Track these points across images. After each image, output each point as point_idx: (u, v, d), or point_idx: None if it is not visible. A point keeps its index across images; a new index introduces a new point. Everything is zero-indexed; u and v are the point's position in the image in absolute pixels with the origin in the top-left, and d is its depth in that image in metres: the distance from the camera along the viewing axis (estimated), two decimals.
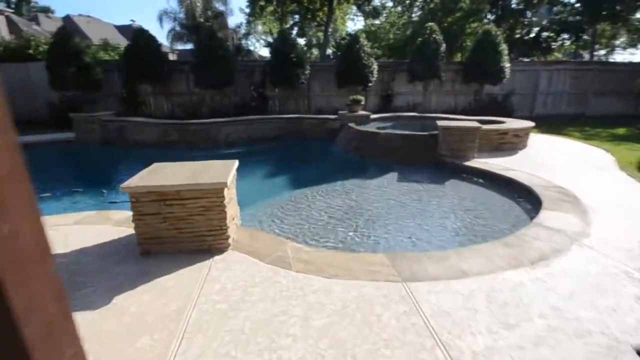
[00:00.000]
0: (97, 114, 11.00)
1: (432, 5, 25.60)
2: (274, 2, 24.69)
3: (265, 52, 35.17)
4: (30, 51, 14.70)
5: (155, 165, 3.82)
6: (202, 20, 23.68)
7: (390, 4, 29.14)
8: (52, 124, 12.37)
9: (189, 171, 3.49)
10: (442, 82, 14.75)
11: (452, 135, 6.97)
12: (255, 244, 3.51)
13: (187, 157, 9.40)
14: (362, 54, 13.28)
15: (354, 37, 13.87)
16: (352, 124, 9.41)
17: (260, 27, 32.78)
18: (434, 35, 13.75)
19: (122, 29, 41.36)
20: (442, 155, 7.14)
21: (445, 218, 4.69)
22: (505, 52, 13.51)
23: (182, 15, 24.81)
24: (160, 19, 24.72)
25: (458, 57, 26.23)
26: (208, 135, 10.38)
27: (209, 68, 12.79)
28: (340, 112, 10.79)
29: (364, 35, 14.98)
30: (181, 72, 14.36)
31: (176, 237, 3.30)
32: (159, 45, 13.62)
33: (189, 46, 23.95)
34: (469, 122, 7.46)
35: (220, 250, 3.34)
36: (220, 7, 26.13)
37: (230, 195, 3.52)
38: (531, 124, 8.27)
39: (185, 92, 14.65)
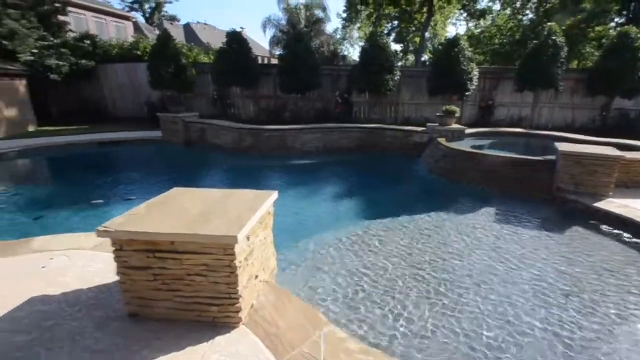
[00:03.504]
0: (181, 114, 11.05)
1: (547, 6, 22.14)
2: (371, 5, 23.88)
3: None
4: (138, 52, 15.62)
5: (172, 191, 3.15)
6: (302, 26, 24.30)
7: (497, 6, 26.17)
8: (151, 122, 13.01)
9: (203, 207, 2.67)
10: (559, 92, 12.37)
11: (580, 164, 5.35)
12: (279, 321, 2.66)
13: (256, 166, 9.07)
14: (461, 58, 11.72)
15: (452, 39, 12.33)
16: (441, 140, 8.13)
17: (355, 33, 32.71)
18: (553, 37, 11.53)
19: None
20: (561, 190, 5.56)
21: (594, 321, 3.01)
22: None
23: (283, 22, 26.12)
24: (264, 26, 26.66)
25: (574, 65, 22.41)
26: (282, 142, 9.93)
27: (293, 72, 12.55)
28: (429, 124, 9.54)
29: (465, 37, 13.30)
30: (269, 75, 14.37)
31: (171, 302, 2.52)
32: (250, 49, 13.74)
33: None
34: (604, 148, 5.70)
35: (228, 326, 2.51)
36: (319, 13, 26.69)
37: (250, 248, 2.64)
38: None
39: (271, 96, 14.63)
